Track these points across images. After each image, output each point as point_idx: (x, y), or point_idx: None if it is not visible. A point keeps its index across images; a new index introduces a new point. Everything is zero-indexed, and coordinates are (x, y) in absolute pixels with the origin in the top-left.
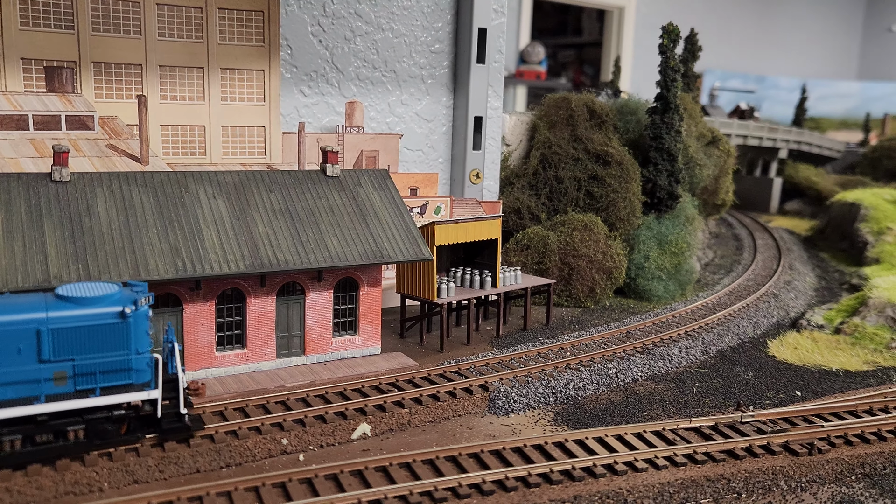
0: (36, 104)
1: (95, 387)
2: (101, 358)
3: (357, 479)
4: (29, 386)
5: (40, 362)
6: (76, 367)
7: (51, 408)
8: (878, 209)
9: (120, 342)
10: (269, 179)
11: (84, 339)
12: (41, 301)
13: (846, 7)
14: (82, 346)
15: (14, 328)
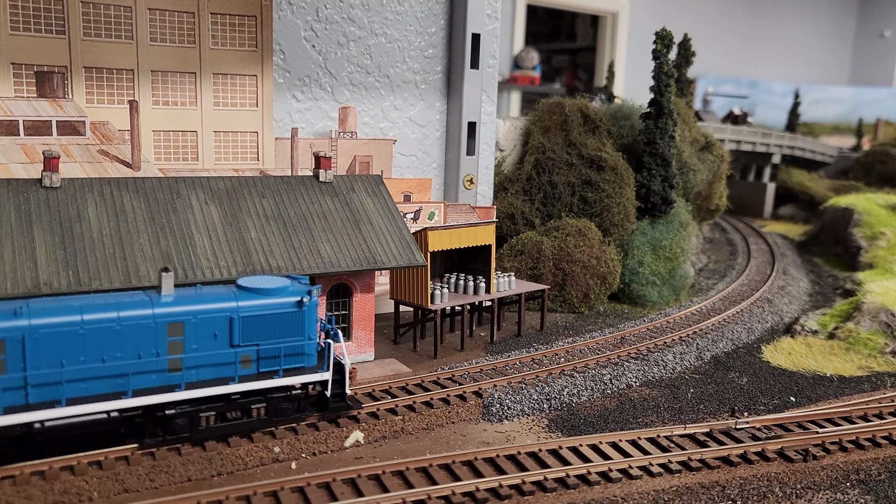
0: (26, 109)
1: (278, 369)
2: (280, 343)
3: (350, 487)
4: (224, 368)
5: (231, 347)
6: (260, 351)
7: (242, 387)
8: (871, 214)
9: (296, 329)
10: (261, 185)
11: (267, 326)
12: (231, 292)
13: (839, 13)
14: (265, 332)
15: (212, 316)
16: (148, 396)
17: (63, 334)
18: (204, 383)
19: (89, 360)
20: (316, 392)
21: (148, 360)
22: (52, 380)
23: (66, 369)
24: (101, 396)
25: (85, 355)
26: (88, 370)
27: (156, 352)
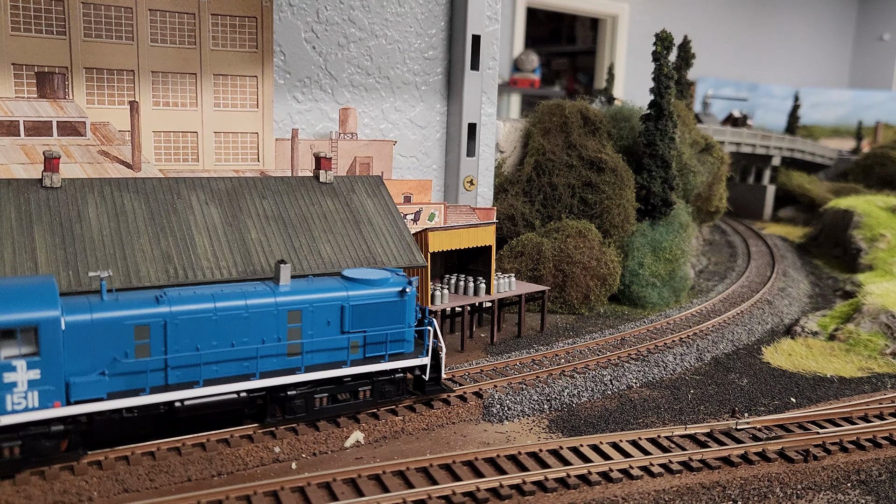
0: (27, 110)
1: (384, 354)
2: (384, 330)
3: (350, 487)
4: (336, 353)
5: (342, 333)
6: (367, 337)
7: (353, 371)
8: (871, 216)
9: (398, 317)
10: (261, 186)
11: (373, 314)
12: (340, 283)
13: (838, 16)
14: (372, 319)
15: (326, 304)
16: (274, 378)
17: (198, 320)
18: (319, 367)
19: (220, 344)
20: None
21: (271, 345)
22: (189, 362)
23: (201, 352)
24: (231, 378)
25: (216, 340)
26: (220, 354)
27: (277, 337)
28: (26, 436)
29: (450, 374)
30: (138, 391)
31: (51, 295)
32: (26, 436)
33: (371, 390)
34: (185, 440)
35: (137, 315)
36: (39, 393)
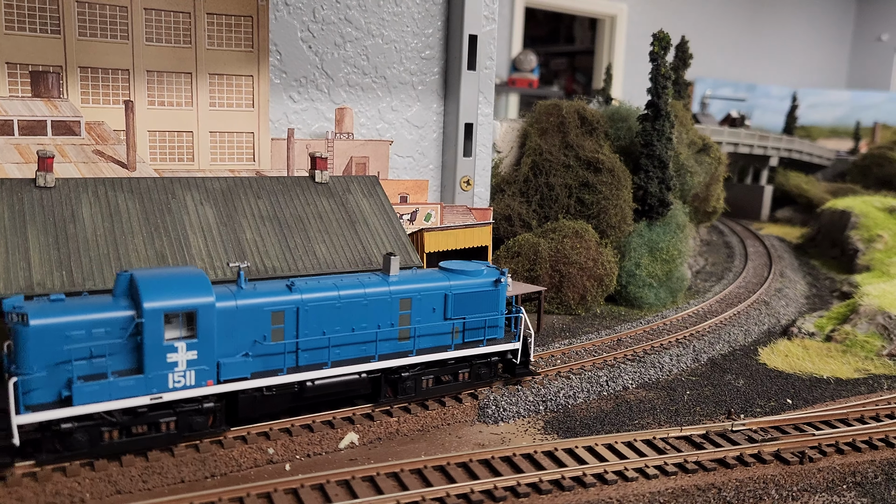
0: (21, 109)
1: (482, 339)
2: (481, 317)
3: (344, 489)
4: (439, 337)
5: (445, 319)
6: (465, 323)
7: (456, 354)
8: (868, 217)
9: (492, 305)
10: (257, 186)
11: (471, 302)
12: (441, 273)
13: (836, 17)
14: (470, 307)
15: (432, 293)
16: (391, 360)
17: (325, 307)
18: (427, 350)
19: (343, 329)
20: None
21: (385, 330)
22: (318, 345)
23: (328, 336)
24: (353, 360)
25: (339, 325)
26: (343, 338)
27: (391, 323)
28: (182, 412)
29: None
30: (276, 371)
31: (205, 284)
32: (182, 412)
33: (469, 373)
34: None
35: (274, 302)
36: (196, 372)
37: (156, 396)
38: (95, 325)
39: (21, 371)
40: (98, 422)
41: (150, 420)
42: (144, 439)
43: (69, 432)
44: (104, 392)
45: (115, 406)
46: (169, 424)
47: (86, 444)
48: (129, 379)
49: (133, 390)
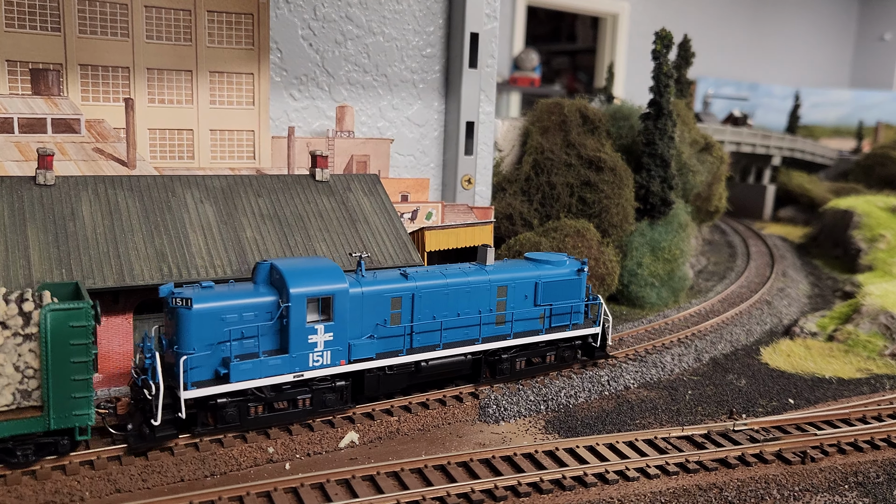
0: (21, 107)
1: (567, 324)
2: (566, 303)
3: (344, 488)
4: (530, 322)
5: (535, 305)
6: (552, 309)
7: (547, 337)
8: (871, 216)
9: (575, 292)
10: (257, 184)
11: (557, 290)
12: (530, 263)
13: (839, 16)
14: (556, 294)
15: (524, 281)
16: (493, 343)
17: (436, 293)
18: (521, 334)
19: (450, 314)
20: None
21: (485, 315)
22: (430, 328)
23: (439, 320)
24: (459, 343)
25: (447, 310)
26: (450, 322)
27: (490, 309)
28: (317, 389)
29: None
30: (396, 352)
31: (339, 272)
32: (317, 389)
33: (555, 355)
34: (178, 441)
35: (393, 289)
36: (332, 352)
37: (298, 374)
38: (246, 310)
39: (183, 350)
40: (247, 398)
41: (290, 396)
42: (285, 414)
43: (223, 407)
44: (256, 370)
45: (265, 383)
46: (305, 401)
47: (236, 418)
48: (277, 358)
49: (280, 368)
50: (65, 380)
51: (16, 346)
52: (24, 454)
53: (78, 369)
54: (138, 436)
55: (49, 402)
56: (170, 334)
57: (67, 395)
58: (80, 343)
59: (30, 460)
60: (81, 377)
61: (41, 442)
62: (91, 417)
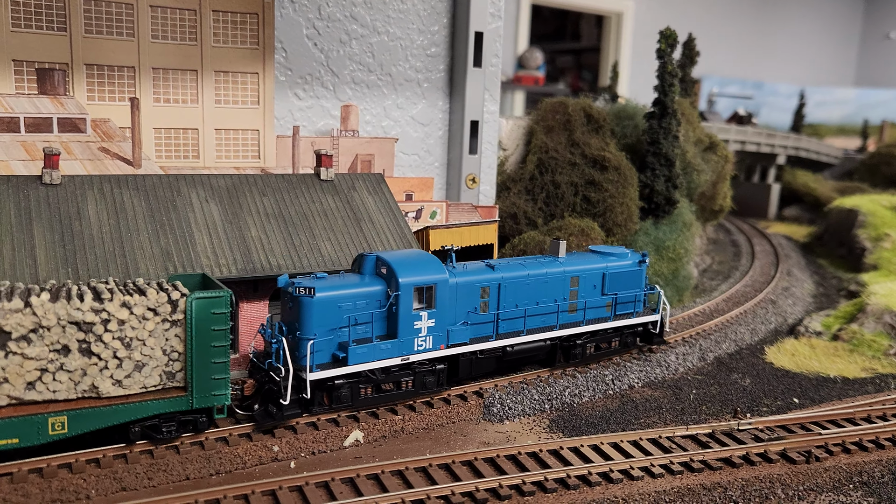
0: (27, 106)
1: (632, 311)
2: (630, 293)
3: (348, 486)
4: (599, 310)
5: (602, 295)
6: (616, 299)
7: (614, 324)
8: (876, 215)
9: (637, 282)
10: (262, 183)
11: (622, 280)
12: (596, 256)
13: (844, 14)
14: (620, 284)
15: (593, 272)
16: (569, 329)
17: (518, 283)
18: (592, 321)
19: (530, 302)
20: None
21: (561, 304)
22: (514, 315)
23: (522, 308)
24: (538, 329)
25: (527, 299)
26: (531, 309)
27: (564, 297)
28: (419, 372)
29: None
30: (486, 338)
31: (439, 263)
32: (419, 372)
33: (619, 341)
34: (184, 438)
35: (482, 279)
36: (433, 338)
37: (405, 358)
38: (359, 298)
39: (306, 335)
40: (359, 379)
41: (395, 378)
42: (391, 395)
43: (338, 388)
44: (370, 354)
45: (377, 365)
46: (408, 383)
47: (349, 398)
48: (387, 343)
49: (390, 352)
50: (205, 362)
51: (164, 332)
52: (168, 430)
53: (217, 353)
54: (265, 414)
55: (192, 382)
56: (288, 321)
57: (208, 376)
58: (220, 329)
59: (172, 436)
60: (220, 360)
61: (183, 419)
62: (228, 397)
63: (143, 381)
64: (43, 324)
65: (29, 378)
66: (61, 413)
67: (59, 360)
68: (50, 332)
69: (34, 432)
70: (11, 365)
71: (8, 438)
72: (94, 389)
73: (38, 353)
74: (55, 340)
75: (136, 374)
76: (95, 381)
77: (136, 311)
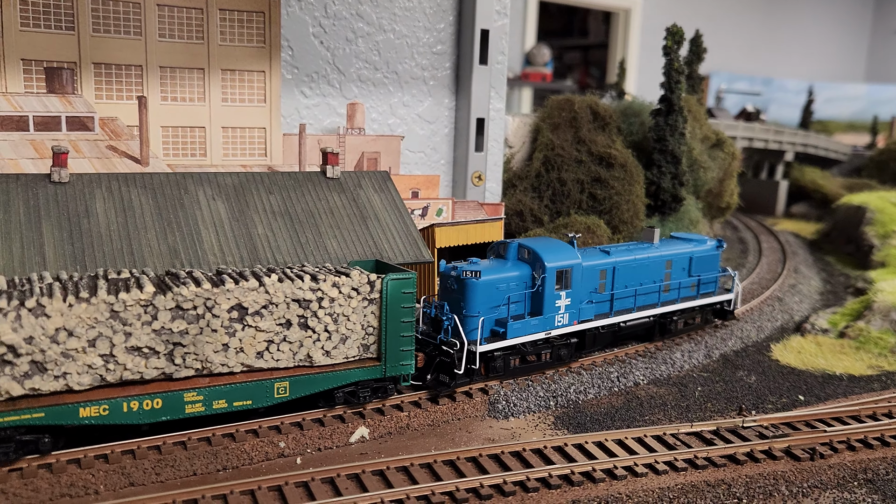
0: (36, 105)
1: (713, 291)
2: (711, 275)
3: (354, 482)
4: (688, 290)
5: (689, 276)
6: (700, 280)
7: (700, 302)
8: (884, 212)
9: (714, 265)
10: (268, 181)
11: (703, 263)
12: (682, 242)
13: (854, 9)
14: (703, 267)
15: (683, 256)
16: (668, 306)
17: (628, 267)
18: (683, 300)
19: (636, 283)
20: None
21: (660, 284)
22: (625, 295)
23: (632, 288)
24: (643, 307)
25: (633, 281)
26: (638, 290)
27: (661, 279)
28: (555, 345)
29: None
30: (605, 315)
31: (572, 249)
32: (555, 345)
33: (700, 317)
34: (191, 434)
35: (601, 263)
36: (569, 315)
37: (548, 332)
38: (511, 280)
39: (472, 313)
40: (509, 352)
41: (537, 351)
42: (533, 365)
43: (493, 359)
44: (523, 329)
45: (528, 339)
46: (546, 355)
47: (501, 369)
48: (535, 319)
49: (537, 327)
50: (395, 336)
51: (363, 309)
52: (364, 396)
53: (405, 328)
54: (438, 383)
55: (385, 353)
56: (451, 301)
57: (397, 348)
58: (408, 306)
59: (368, 400)
60: (407, 334)
61: (375, 387)
62: (413, 367)
63: (346, 352)
64: (273, 301)
65: (258, 348)
66: (284, 379)
67: (282, 332)
68: (277, 309)
69: (263, 395)
70: (247, 336)
71: (243, 400)
72: (309, 359)
73: (267, 326)
74: (281, 315)
75: (341, 346)
76: (310, 352)
77: (343, 291)
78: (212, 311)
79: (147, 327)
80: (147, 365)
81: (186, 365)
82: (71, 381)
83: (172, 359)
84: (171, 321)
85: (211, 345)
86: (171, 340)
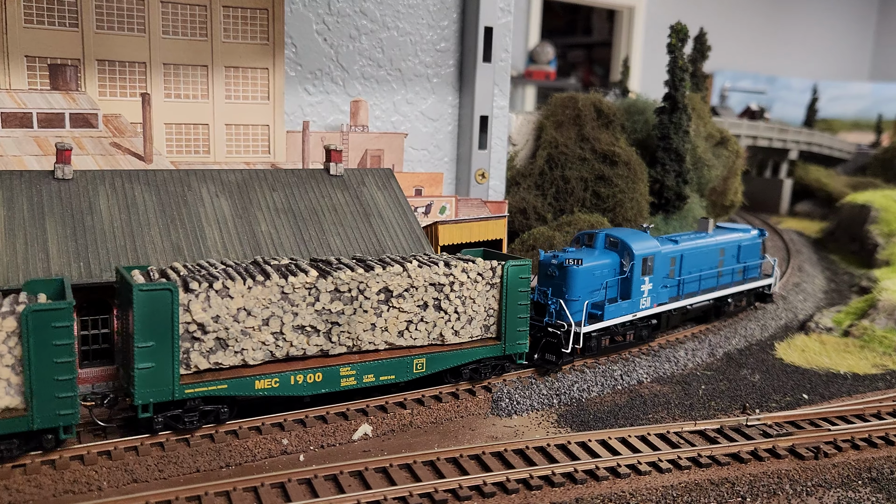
0: (40, 102)
1: (757, 276)
2: (755, 262)
3: (357, 479)
4: (736, 275)
5: (737, 263)
6: (745, 267)
7: (747, 286)
8: (888, 211)
9: (757, 253)
10: (272, 178)
11: (748, 251)
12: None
13: (859, 7)
14: (748, 254)
15: (733, 244)
16: (724, 290)
17: (692, 255)
18: (734, 284)
19: (697, 269)
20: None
21: (716, 270)
22: (691, 279)
23: (696, 274)
24: (704, 291)
25: (695, 267)
26: (700, 275)
27: (717, 264)
28: (638, 326)
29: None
30: (675, 298)
31: (652, 238)
32: (638, 326)
33: (746, 300)
34: (194, 431)
35: (671, 250)
36: (651, 298)
37: (635, 314)
38: (604, 268)
39: (573, 297)
40: (601, 332)
41: (623, 332)
42: (619, 345)
43: (588, 339)
44: (617, 311)
45: (620, 321)
46: (629, 335)
47: (594, 348)
48: (625, 302)
49: (626, 310)
50: (513, 317)
51: (486, 292)
52: (484, 373)
53: (521, 310)
54: (545, 362)
55: (504, 333)
56: (551, 287)
57: (514, 328)
58: (524, 290)
59: (487, 376)
60: (523, 315)
61: (493, 364)
62: (527, 346)
63: (471, 332)
64: (414, 284)
65: (400, 328)
66: (422, 356)
67: (420, 313)
68: (417, 291)
69: (404, 370)
70: (391, 317)
71: (387, 375)
72: (441, 338)
73: (409, 307)
74: (420, 298)
75: (468, 326)
76: (442, 331)
77: (470, 276)
78: (364, 294)
79: (311, 308)
80: (309, 342)
81: (340, 343)
82: (247, 356)
83: (330, 337)
84: (330, 302)
85: (362, 324)
86: (330, 320)
